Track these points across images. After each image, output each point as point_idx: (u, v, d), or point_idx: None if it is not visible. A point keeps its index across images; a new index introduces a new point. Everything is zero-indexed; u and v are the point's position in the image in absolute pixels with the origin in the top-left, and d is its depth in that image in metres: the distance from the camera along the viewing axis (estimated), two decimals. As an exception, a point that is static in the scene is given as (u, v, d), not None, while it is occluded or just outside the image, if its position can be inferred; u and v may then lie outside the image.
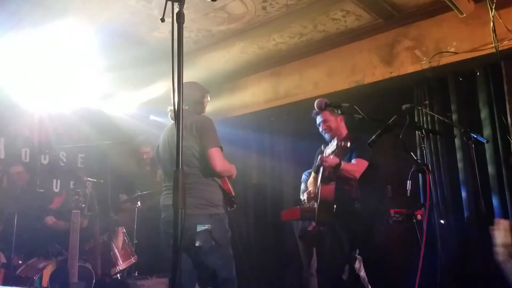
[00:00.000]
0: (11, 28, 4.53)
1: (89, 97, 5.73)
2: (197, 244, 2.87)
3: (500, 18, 4.05)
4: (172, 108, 3.03)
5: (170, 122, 3.36)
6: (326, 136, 3.84)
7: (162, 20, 1.88)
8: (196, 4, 4.44)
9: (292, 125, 6.04)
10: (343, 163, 3.48)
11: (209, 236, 2.92)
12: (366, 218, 3.51)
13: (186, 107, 3.09)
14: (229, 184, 3.19)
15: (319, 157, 3.64)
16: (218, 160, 3.00)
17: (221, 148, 3.05)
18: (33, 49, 4.72)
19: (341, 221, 3.60)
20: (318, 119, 3.85)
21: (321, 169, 3.59)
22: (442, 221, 4.36)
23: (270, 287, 5.58)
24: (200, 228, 2.90)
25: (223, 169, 3.05)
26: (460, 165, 4.38)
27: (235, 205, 3.20)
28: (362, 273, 3.91)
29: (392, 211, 4.11)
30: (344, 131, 3.85)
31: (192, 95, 3.20)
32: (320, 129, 3.86)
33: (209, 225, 2.93)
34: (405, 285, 3.45)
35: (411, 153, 2.99)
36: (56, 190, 5.63)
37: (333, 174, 3.51)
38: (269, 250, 5.81)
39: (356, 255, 4.09)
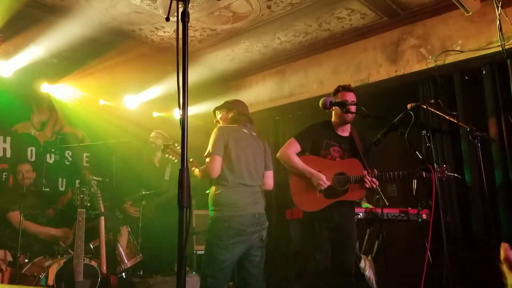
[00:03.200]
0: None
1: (93, 95, 5.74)
2: (263, 237, 3.30)
3: (507, 16, 4.03)
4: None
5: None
6: (349, 117, 3.46)
7: (167, 19, 1.88)
8: (201, 3, 4.44)
9: (297, 124, 6.03)
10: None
11: (266, 231, 3.35)
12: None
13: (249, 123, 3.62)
14: None
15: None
16: (272, 181, 3.59)
17: None
18: (36, 45, 4.73)
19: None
20: (350, 96, 3.45)
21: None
22: (448, 218, 4.33)
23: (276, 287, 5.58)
24: (267, 223, 3.36)
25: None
26: (466, 164, 4.36)
27: None
28: (368, 272, 3.90)
29: (397, 210, 4.10)
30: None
31: (246, 110, 3.69)
32: (348, 113, 3.39)
33: (268, 223, 3.37)
34: (410, 285, 3.43)
35: (417, 152, 2.98)
36: (62, 189, 5.65)
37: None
38: (274, 249, 5.81)
39: (362, 254, 4.09)
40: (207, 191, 3.42)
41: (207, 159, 3.22)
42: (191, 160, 3.41)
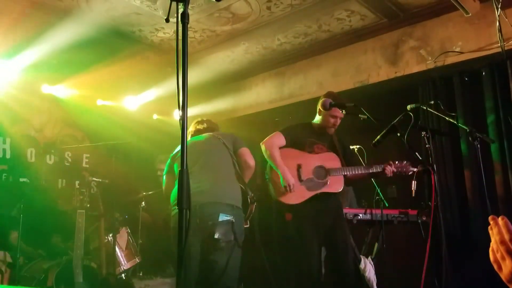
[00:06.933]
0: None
1: (93, 96, 5.74)
2: (216, 236, 2.68)
3: (506, 18, 4.03)
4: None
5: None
6: (331, 130, 3.68)
7: (167, 20, 1.88)
8: (200, 4, 4.45)
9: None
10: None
11: (230, 229, 2.75)
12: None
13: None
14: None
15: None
16: (250, 156, 3.34)
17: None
18: (36, 46, 4.73)
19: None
20: (337, 113, 3.60)
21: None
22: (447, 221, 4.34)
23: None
24: (222, 217, 2.72)
25: (254, 165, 3.31)
26: (465, 165, 4.36)
27: (248, 222, 3.15)
28: (368, 273, 3.90)
29: (397, 211, 4.10)
30: None
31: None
32: (330, 124, 3.61)
33: (232, 217, 2.76)
34: (410, 286, 3.43)
35: (416, 154, 2.98)
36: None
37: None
38: (273, 250, 5.80)
39: (361, 256, 4.08)
40: None
41: None
42: None
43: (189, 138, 3.43)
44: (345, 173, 3.53)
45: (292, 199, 3.40)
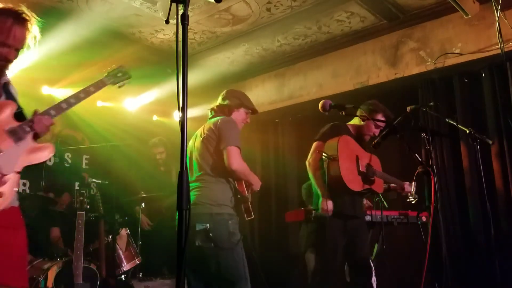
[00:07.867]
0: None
1: (92, 97, 5.73)
2: (197, 243, 2.81)
3: (506, 19, 4.03)
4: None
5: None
6: (366, 137, 3.72)
7: (167, 21, 1.89)
8: (200, 5, 4.45)
9: (297, 127, 6.03)
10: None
11: (206, 236, 2.84)
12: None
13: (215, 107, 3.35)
14: (245, 188, 3.10)
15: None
16: (235, 158, 2.95)
17: (239, 148, 3.02)
18: (36, 47, 4.72)
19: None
20: (381, 124, 3.63)
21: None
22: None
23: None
24: (198, 227, 2.83)
25: (238, 167, 2.97)
26: (465, 166, 4.36)
27: (252, 214, 3.10)
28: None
29: (397, 213, 4.10)
30: None
31: (230, 99, 3.42)
32: (371, 132, 3.67)
33: (208, 225, 2.84)
34: (410, 287, 3.43)
35: (416, 155, 2.98)
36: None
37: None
38: (273, 252, 5.80)
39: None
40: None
41: None
42: None
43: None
44: (384, 178, 3.70)
45: (354, 186, 3.39)
